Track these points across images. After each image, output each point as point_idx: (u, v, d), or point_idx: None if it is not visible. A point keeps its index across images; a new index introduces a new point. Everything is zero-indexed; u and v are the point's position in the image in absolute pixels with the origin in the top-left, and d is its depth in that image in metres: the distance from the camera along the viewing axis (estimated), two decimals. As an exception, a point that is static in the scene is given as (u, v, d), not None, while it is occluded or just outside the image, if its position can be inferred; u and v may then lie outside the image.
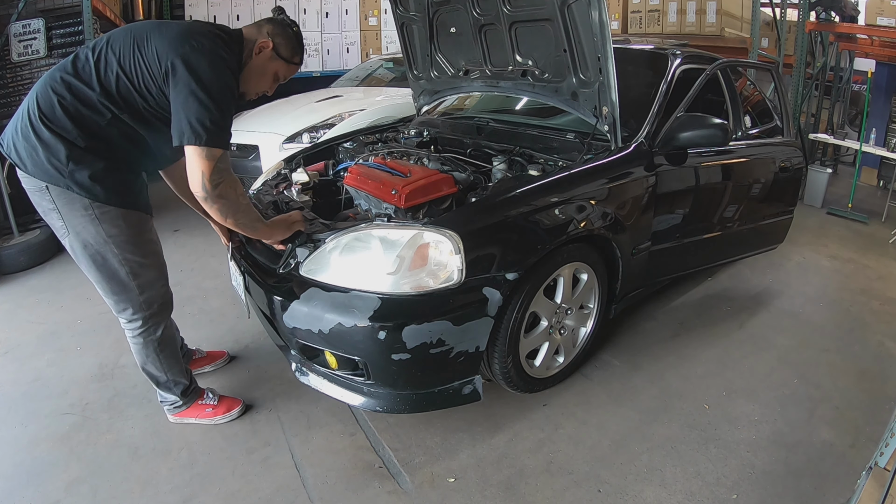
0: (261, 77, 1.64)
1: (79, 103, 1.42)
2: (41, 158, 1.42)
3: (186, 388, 1.85)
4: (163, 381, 1.80)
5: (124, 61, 1.43)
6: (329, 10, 6.30)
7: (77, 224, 1.49)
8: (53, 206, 1.48)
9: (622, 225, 2.05)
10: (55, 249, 3.33)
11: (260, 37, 1.59)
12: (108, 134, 1.47)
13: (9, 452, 1.78)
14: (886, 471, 1.20)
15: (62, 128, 1.41)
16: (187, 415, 1.88)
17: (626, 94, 2.01)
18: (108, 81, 1.43)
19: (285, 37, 1.62)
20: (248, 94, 1.68)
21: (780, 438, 1.90)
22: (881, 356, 2.48)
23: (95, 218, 1.48)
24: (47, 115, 1.41)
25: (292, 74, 1.72)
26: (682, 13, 5.43)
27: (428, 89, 2.89)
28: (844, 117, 7.77)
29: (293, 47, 1.65)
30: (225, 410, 1.90)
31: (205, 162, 1.42)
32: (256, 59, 1.59)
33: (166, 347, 1.75)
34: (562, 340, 2.06)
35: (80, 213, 1.47)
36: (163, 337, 1.72)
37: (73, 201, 1.46)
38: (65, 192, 1.45)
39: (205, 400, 1.90)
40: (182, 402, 1.85)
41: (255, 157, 3.60)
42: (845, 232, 4.33)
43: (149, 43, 1.43)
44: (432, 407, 1.75)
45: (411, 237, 1.63)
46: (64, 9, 3.69)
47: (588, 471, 1.72)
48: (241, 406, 1.95)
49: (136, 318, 1.66)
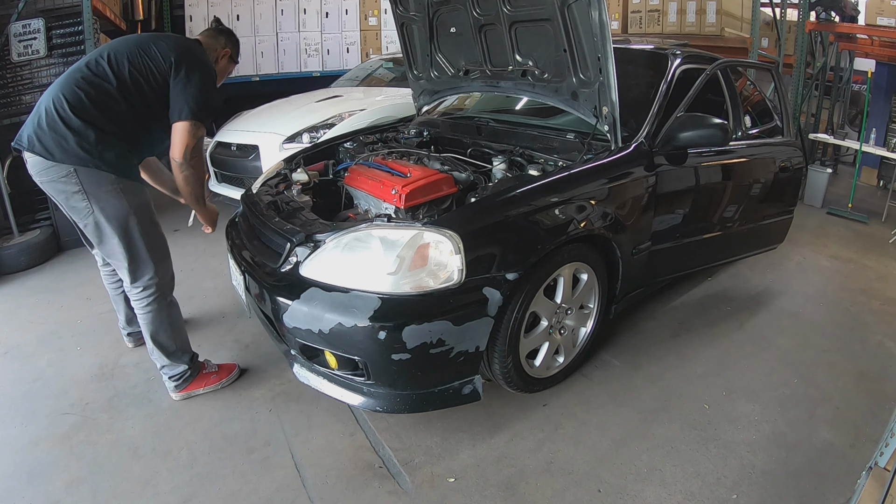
0: (220, 77, 2.05)
1: (102, 95, 1.72)
2: (72, 145, 1.67)
3: (193, 356, 2.03)
4: (172, 349, 1.95)
5: (132, 57, 1.77)
6: (329, 10, 6.29)
7: (103, 199, 1.73)
8: (80, 187, 1.70)
9: (622, 225, 2.05)
10: (55, 249, 3.34)
11: (219, 45, 2.03)
12: (125, 119, 1.77)
13: (9, 452, 1.78)
14: (886, 471, 1.20)
15: (91, 116, 1.70)
16: (194, 386, 2.01)
17: (626, 94, 2.01)
18: (122, 73, 1.75)
19: (235, 44, 2.09)
20: None
21: (780, 438, 1.90)
22: (881, 356, 2.48)
23: (121, 191, 1.75)
24: (77, 107, 1.69)
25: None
26: (682, 13, 5.43)
27: (428, 89, 2.89)
28: (844, 117, 7.76)
29: (238, 51, 2.12)
30: (227, 374, 2.08)
31: (189, 137, 1.80)
32: (220, 64, 2.04)
33: (175, 315, 1.96)
34: (562, 340, 2.06)
35: (106, 188, 1.73)
36: (171, 302, 1.95)
37: (100, 179, 1.71)
38: (93, 172, 1.70)
39: (208, 369, 2.07)
40: (190, 372, 2.00)
41: (255, 157, 3.60)
42: (845, 232, 4.33)
43: (152, 46, 1.79)
44: (432, 407, 1.75)
45: (411, 237, 1.63)
46: (64, 9, 3.68)
47: (588, 471, 1.72)
48: (238, 369, 2.14)
49: (152, 283, 1.86)
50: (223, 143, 3.86)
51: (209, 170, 3.96)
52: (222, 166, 3.83)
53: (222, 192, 3.81)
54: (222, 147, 3.86)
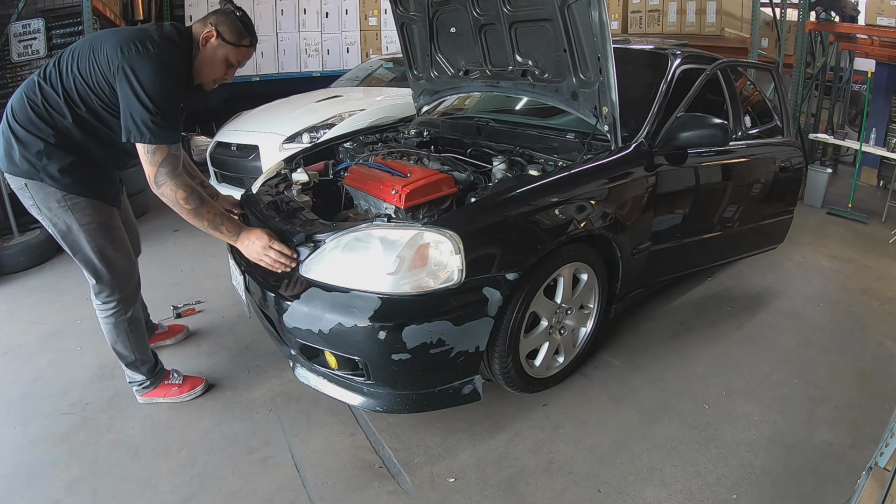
0: (211, 65, 1.71)
1: (48, 105, 1.59)
2: (18, 155, 1.59)
3: (152, 367, 1.97)
4: (130, 360, 1.91)
5: (81, 65, 1.58)
6: (329, 10, 6.29)
7: (53, 215, 1.65)
8: (33, 201, 1.65)
9: (622, 225, 2.05)
10: (55, 249, 3.33)
11: (204, 28, 1.67)
12: (74, 132, 1.62)
13: (9, 452, 1.78)
14: (886, 471, 1.20)
15: (35, 126, 1.58)
16: (155, 394, 1.98)
17: (626, 94, 2.01)
18: (69, 84, 1.59)
19: (228, 22, 1.68)
20: (204, 84, 1.76)
21: (780, 438, 1.90)
22: (881, 356, 2.48)
23: (68, 208, 1.64)
24: (20, 116, 1.59)
25: (247, 57, 1.78)
26: (682, 13, 5.43)
27: (428, 89, 2.89)
28: (844, 117, 7.76)
29: (238, 30, 1.70)
30: (189, 388, 2.01)
31: (151, 164, 1.58)
32: (204, 51, 1.68)
33: (135, 329, 1.89)
34: (562, 340, 2.06)
35: (54, 204, 1.64)
36: (132, 318, 1.87)
37: (48, 194, 1.62)
38: (41, 186, 1.61)
39: (171, 380, 2.01)
40: (149, 381, 1.96)
41: (255, 157, 3.60)
42: (845, 232, 4.33)
43: (102, 47, 1.56)
44: (432, 407, 1.75)
45: (411, 237, 1.63)
46: (64, 9, 3.69)
47: (588, 471, 1.72)
48: (205, 384, 2.05)
49: (110, 300, 1.81)
50: (223, 143, 3.86)
51: (209, 170, 3.97)
52: (222, 166, 3.83)
53: (222, 193, 3.80)
54: (222, 147, 3.86)
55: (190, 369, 2.17)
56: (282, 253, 1.71)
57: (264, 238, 1.71)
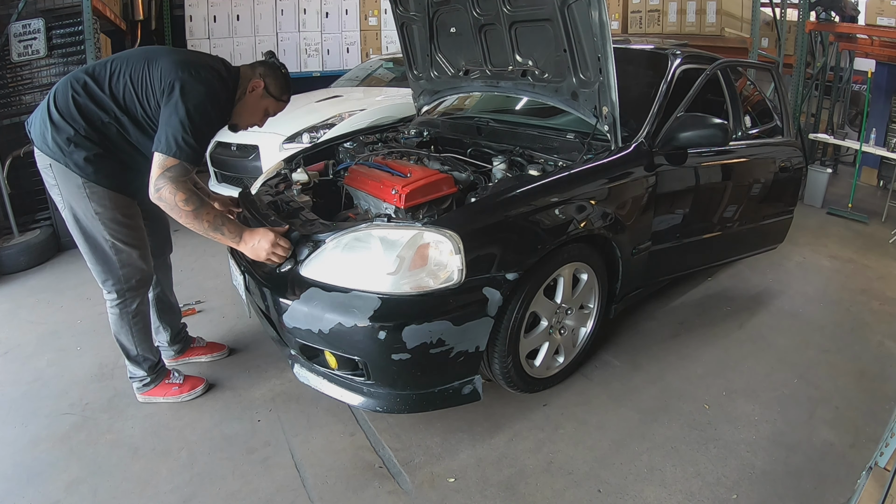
0: (253, 112, 1.87)
1: (89, 100, 1.66)
2: (49, 137, 1.66)
3: (154, 364, 1.98)
4: (133, 354, 1.93)
5: (134, 73, 1.67)
6: (329, 10, 6.29)
7: (71, 199, 1.72)
8: (55, 181, 1.71)
9: (622, 225, 2.05)
10: (55, 249, 3.34)
11: (254, 76, 1.82)
12: (106, 129, 1.69)
13: (9, 452, 1.78)
14: (886, 471, 1.20)
15: (70, 116, 1.65)
16: (155, 393, 2.00)
17: (626, 94, 2.01)
18: (117, 87, 1.67)
19: (275, 77, 1.85)
20: (239, 126, 1.90)
21: (780, 438, 1.90)
22: (881, 356, 2.48)
23: (86, 196, 1.70)
24: (61, 104, 1.66)
25: (281, 110, 1.95)
26: (682, 13, 5.43)
27: (428, 89, 2.89)
28: (844, 117, 7.76)
29: (282, 87, 1.87)
30: (190, 388, 2.03)
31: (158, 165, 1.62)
32: (249, 97, 1.82)
33: (139, 322, 1.90)
34: (562, 340, 2.06)
35: (74, 189, 1.70)
36: (137, 311, 1.88)
37: (70, 178, 1.69)
38: (64, 170, 1.68)
39: (171, 380, 2.03)
40: (150, 378, 1.98)
41: (255, 157, 3.60)
42: (845, 232, 4.33)
43: (158, 62, 1.66)
44: (432, 407, 1.75)
45: (411, 237, 1.63)
46: (64, 9, 3.68)
47: (588, 471, 1.72)
48: (205, 384, 2.07)
49: (115, 290, 1.83)
50: (223, 143, 3.85)
51: (210, 170, 3.97)
52: (222, 166, 3.84)
53: (222, 193, 3.81)
54: (222, 147, 3.86)
55: (190, 369, 2.18)
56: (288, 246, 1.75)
57: (270, 235, 1.72)
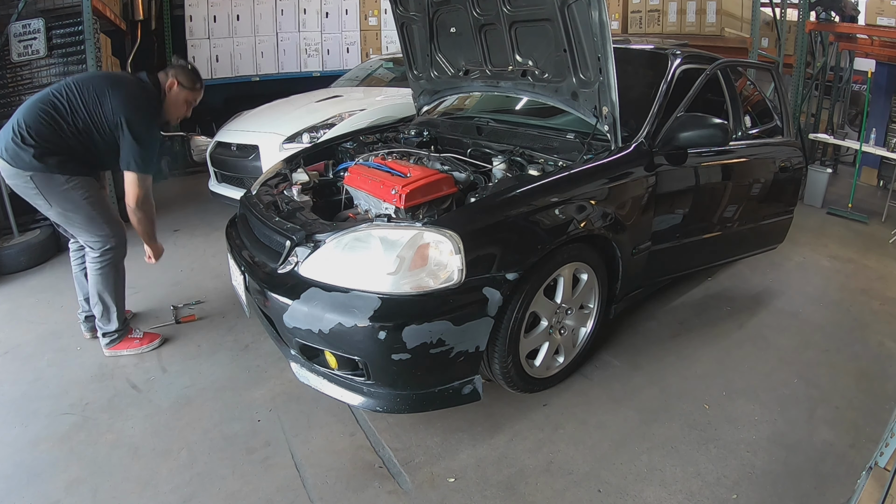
0: (176, 105, 2.28)
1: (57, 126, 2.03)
2: (27, 158, 1.99)
3: (124, 320, 2.34)
4: (112, 309, 2.26)
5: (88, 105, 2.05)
6: (329, 10, 6.29)
7: (60, 197, 2.07)
8: (37, 190, 2.05)
9: (622, 225, 2.05)
10: (55, 249, 3.33)
11: (168, 79, 2.23)
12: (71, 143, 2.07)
13: (9, 452, 1.78)
14: (886, 471, 1.20)
15: (43, 138, 2.01)
16: (120, 347, 2.30)
17: (626, 94, 2.01)
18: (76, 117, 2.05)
19: (184, 72, 2.26)
20: (171, 121, 2.34)
21: (780, 438, 1.90)
22: (881, 356, 2.48)
23: (71, 188, 2.07)
24: (35, 133, 2.00)
25: (199, 96, 2.34)
26: (682, 13, 5.43)
27: (428, 89, 2.89)
28: (844, 117, 7.77)
29: (191, 78, 2.27)
30: (149, 341, 2.35)
31: (137, 188, 2.12)
32: (170, 95, 2.24)
33: (121, 279, 2.28)
34: (562, 340, 2.06)
35: (60, 187, 2.06)
36: (121, 270, 2.28)
37: (53, 181, 2.04)
38: (46, 176, 2.03)
39: (133, 334, 2.35)
40: (117, 334, 2.29)
41: (255, 157, 3.59)
42: (845, 232, 4.33)
43: (106, 98, 2.06)
44: (432, 407, 1.75)
45: (411, 237, 1.63)
46: (64, 9, 3.68)
47: (588, 471, 1.72)
48: (161, 339, 2.39)
49: (108, 247, 2.19)
50: (223, 143, 3.86)
51: (210, 170, 3.97)
52: (222, 166, 3.83)
53: (222, 193, 3.82)
54: (222, 147, 3.86)
55: (190, 369, 2.19)
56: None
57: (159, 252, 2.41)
